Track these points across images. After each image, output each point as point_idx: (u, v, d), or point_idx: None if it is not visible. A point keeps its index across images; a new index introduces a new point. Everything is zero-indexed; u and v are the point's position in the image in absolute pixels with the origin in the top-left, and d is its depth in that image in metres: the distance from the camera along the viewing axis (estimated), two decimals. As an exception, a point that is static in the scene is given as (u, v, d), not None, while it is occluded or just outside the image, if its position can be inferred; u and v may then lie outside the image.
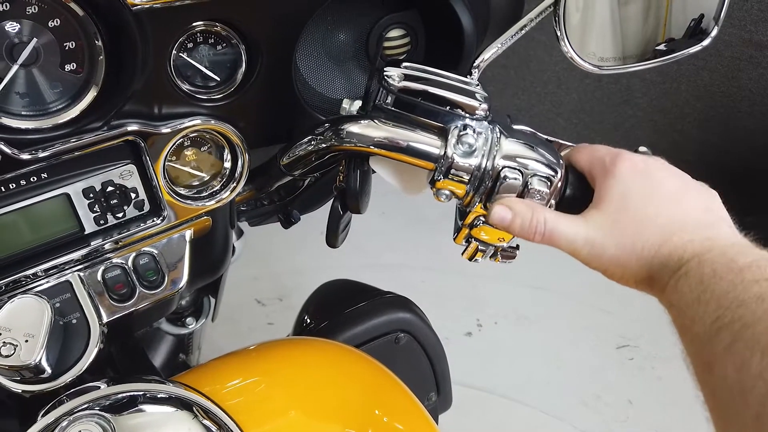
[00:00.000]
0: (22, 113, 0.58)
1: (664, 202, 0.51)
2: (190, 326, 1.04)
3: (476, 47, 0.71)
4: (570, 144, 0.63)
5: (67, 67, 0.59)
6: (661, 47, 0.71)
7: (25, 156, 0.58)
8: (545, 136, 0.62)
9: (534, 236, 0.54)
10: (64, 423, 0.51)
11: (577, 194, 0.58)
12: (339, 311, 0.98)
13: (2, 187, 0.59)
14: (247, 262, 2.01)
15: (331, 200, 0.66)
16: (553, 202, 0.57)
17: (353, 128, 0.59)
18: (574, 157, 0.59)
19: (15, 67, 0.56)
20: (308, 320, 1.02)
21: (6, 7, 0.54)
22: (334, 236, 0.66)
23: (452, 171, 0.56)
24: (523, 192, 0.56)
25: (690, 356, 0.43)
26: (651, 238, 0.49)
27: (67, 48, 0.58)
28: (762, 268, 0.40)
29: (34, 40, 0.56)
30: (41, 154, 0.59)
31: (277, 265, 2.08)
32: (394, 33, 0.73)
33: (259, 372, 0.73)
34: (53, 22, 0.57)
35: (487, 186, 0.56)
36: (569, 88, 2.30)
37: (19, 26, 0.55)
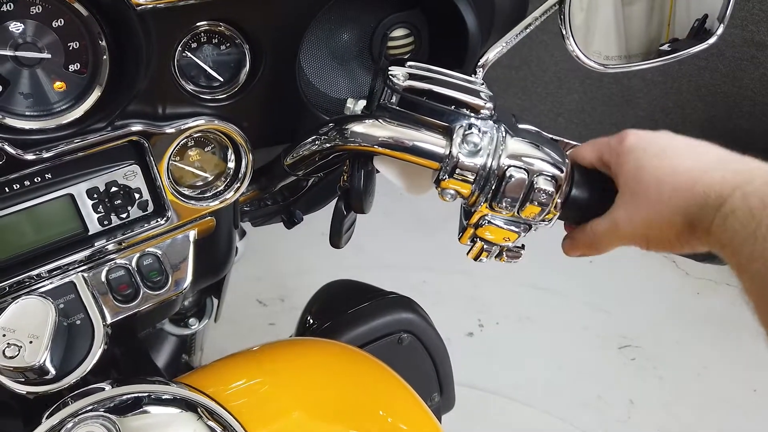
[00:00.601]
0: (26, 114, 0.58)
1: (680, 154, 0.51)
2: (193, 327, 1.04)
3: (480, 46, 0.71)
4: (575, 143, 0.63)
5: (71, 68, 0.58)
6: (665, 47, 0.71)
7: (29, 156, 0.58)
8: (550, 135, 0.62)
9: (587, 252, 0.58)
10: (69, 425, 0.51)
11: (583, 193, 0.57)
12: (342, 311, 0.97)
13: (6, 188, 0.59)
14: (248, 263, 2.02)
15: (335, 200, 0.66)
16: (558, 201, 0.57)
17: (357, 128, 0.58)
18: (579, 155, 0.59)
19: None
20: (311, 321, 1.02)
21: (10, 7, 0.54)
22: (337, 237, 0.65)
23: (457, 170, 0.56)
24: (529, 191, 0.56)
25: (751, 295, 0.42)
26: (679, 185, 0.49)
27: (71, 48, 0.58)
28: None
29: (38, 40, 0.56)
30: (45, 155, 0.59)
31: (279, 266, 2.08)
32: (398, 32, 0.73)
33: (263, 373, 0.72)
34: (57, 22, 0.56)
35: (492, 185, 0.56)
36: (570, 88, 2.30)
37: (23, 26, 0.55)
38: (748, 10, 1.98)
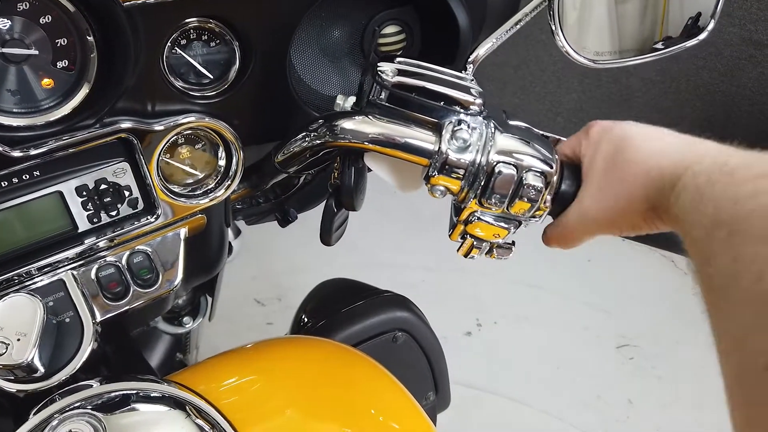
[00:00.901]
0: (14, 111, 0.58)
1: (639, 140, 0.53)
2: (186, 325, 1.04)
3: (472, 42, 0.71)
4: (566, 139, 0.63)
5: (59, 64, 0.58)
6: (659, 45, 0.71)
7: (17, 153, 0.58)
8: (541, 132, 0.62)
9: (562, 245, 0.59)
10: (55, 422, 0.51)
11: (572, 189, 0.57)
12: (336, 310, 0.97)
13: (-6, 185, 0.59)
14: (245, 262, 2.01)
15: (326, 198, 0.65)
16: (548, 197, 0.57)
17: (347, 124, 0.58)
18: (561, 150, 0.59)
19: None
20: (305, 319, 1.02)
21: None
22: (327, 234, 0.65)
23: (446, 167, 0.56)
24: (518, 187, 0.55)
25: (691, 258, 0.44)
26: (638, 170, 0.51)
27: (58, 45, 0.57)
28: (752, 166, 0.42)
29: (26, 37, 0.56)
30: (33, 152, 0.58)
31: (276, 265, 2.08)
32: (389, 29, 0.72)
33: (255, 371, 0.72)
34: (45, 18, 0.56)
35: (481, 181, 0.56)
36: (569, 87, 2.29)
37: (10, 23, 0.55)
38: (746, 9, 1.97)
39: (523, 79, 2.32)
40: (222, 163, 0.70)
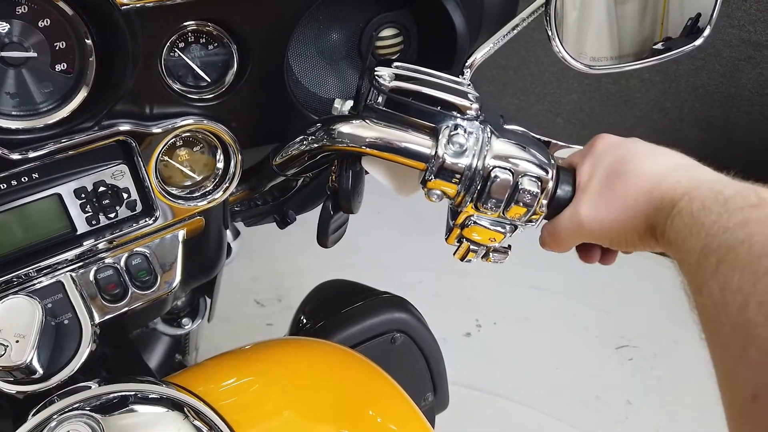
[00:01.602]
0: (13, 113, 0.58)
1: (642, 158, 0.54)
2: (185, 327, 1.04)
3: (469, 47, 0.71)
4: (564, 144, 0.63)
5: (58, 67, 0.58)
6: (659, 46, 0.71)
7: (16, 156, 0.58)
8: (539, 136, 0.62)
9: (553, 248, 0.60)
10: (53, 423, 0.51)
11: (568, 194, 0.57)
12: (335, 311, 0.98)
13: (-7, 188, 0.59)
14: (245, 263, 2.02)
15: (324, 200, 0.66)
16: (543, 202, 0.57)
17: (344, 128, 0.59)
18: (566, 160, 0.60)
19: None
20: (304, 320, 1.02)
21: None
22: (324, 236, 0.66)
23: (443, 171, 0.56)
24: (514, 192, 0.56)
25: (687, 284, 0.45)
26: (638, 189, 0.52)
27: (57, 48, 0.58)
28: (746, 196, 0.43)
29: (25, 40, 0.56)
30: (32, 155, 0.59)
31: (276, 266, 2.08)
32: (386, 32, 0.73)
33: (253, 372, 0.73)
34: (43, 22, 0.56)
35: (477, 186, 0.56)
36: (569, 88, 2.29)
37: (8, 26, 0.55)
38: (745, 10, 1.97)
39: (523, 80, 2.32)
40: (220, 165, 0.70)
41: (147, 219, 0.67)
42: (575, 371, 1.87)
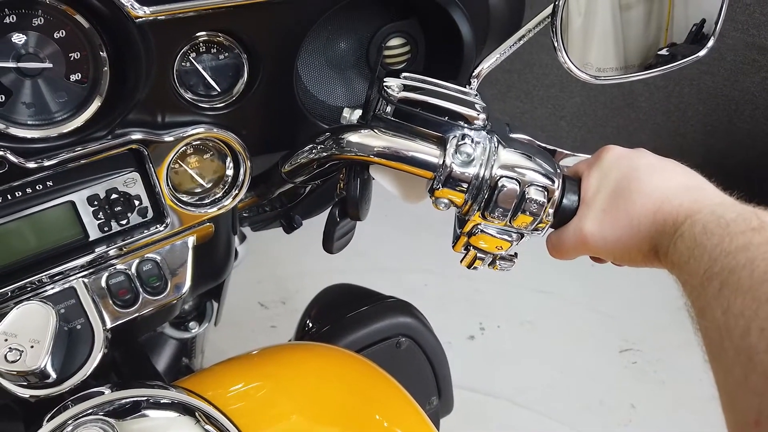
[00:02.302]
0: (28, 123, 0.59)
1: (648, 175, 0.54)
2: (193, 330, 1.05)
3: (475, 56, 0.72)
4: (569, 153, 0.64)
5: (72, 77, 0.60)
6: (664, 52, 0.72)
7: (31, 165, 0.59)
8: (544, 145, 0.63)
9: (555, 256, 0.60)
10: (69, 428, 0.52)
11: (574, 203, 0.58)
12: (341, 315, 0.98)
13: (9, 195, 0.60)
14: (250, 266, 2.02)
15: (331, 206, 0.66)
16: (550, 211, 0.58)
17: (353, 137, 0.59)
18: (571, 168, 0.60)
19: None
20: (310, 324, 1.03)
21: (13, 19, 0.55)
22: (329, 242, 0.66)
23: (451, 180, 0.57)
24: (521, 201, 0.57)
25: (690, 306, 0.46)
26: (643, 210, 0.52)
27: (72, 59, 0.59)
28: (747, 220, 0.44)
29: (40, 51, 0.57)
30: (47, 163, 0.60)
31: (280, 269, 2.09)
32: (394, 42, 0.74)
33: (261, 377, 0.73)
34: (59, 33, 0.58)
35: (485, 195, 0.57)
36: (572, 91, 2.30)
37: (25, 38, 0.56)
38: (749, 14, 1.98)
39: (527, 83, 2.32)
40: (230, 172, 0.71)
41: (158, 225, 0.68)
42: (579, 375, 1.87)
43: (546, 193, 0.56)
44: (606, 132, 2.37)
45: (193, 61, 0.64)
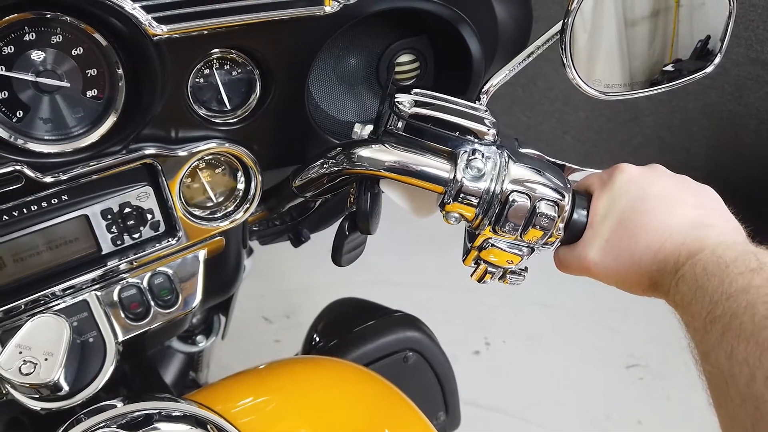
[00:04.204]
0: (45, 138, 0.60)
1: (656, 207, 0.54)
2: (200, 344, 1.05)
3: (484, 73, 0.73)
4: (578, 168, 0.65)
5: (89, 93, 0.61)
6: (669, 68, 0.73)
7: (48, 179, 0.60)
8: (553, 160, 0.63)
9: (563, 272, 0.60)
10: (82, 441, 0.52)
11: (583, 218, 0.59)
12: (348, 330, 0.98)
13: (24, 209, 0.61)
14: (254, 280, 2.02)
15: (341, 219, 0.67)
16: (560, 225, 0.58)
17: (364, 152, 0.60)
18: (581, 181, 0.61)
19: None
20: (317, 338, 1.03)
21: (32, 36, 0.56)
22: (338, 255, 0.67)
23: (461, 195, 0.57)
24: (531, 216, 0.57)
25: (694, 348, 0.46)
26: (645, 248, 0.52)
27: (89, 75, 0.60)
28: (746, 261, 0.43)
29: (58, 67, 0.58)
30: (62, 177, 0.61)
31: (284, 283, 2.09)
32: (403, 58, 0.75)
33: (270, 391, 0.74)
34: (76, 50, 0.59)
35: (495, 209, 0.57)
36: (576, 105, 2.31)
37: (44, 54, 0.57)
38: (752, 29, 1.99)
39: (531, 97, 2.34)
40: (241, 186, 0.72)
41: (170, 239, 0.68)
42: (585, 390, 1.86)
43: (556, 207, 0.57)
44: (610, 146, 2.37)
45: (206, 77, 0.65)
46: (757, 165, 2.22)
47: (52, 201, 0.62)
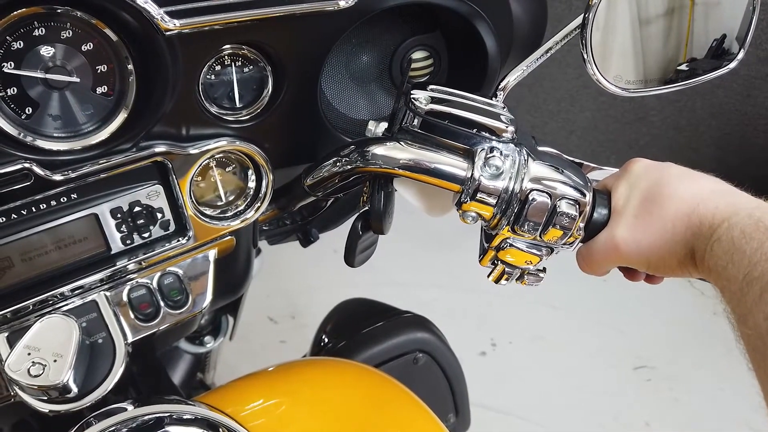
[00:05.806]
0: (55, 135, 0.59)
1: (679, 182, 0.54)
2: (208, 345, 1.04)
3: (499, 69, 0.72)
4: (597, 166, 0.63)
5: (99, 90, 0.59)
6: (683, 67, 0.71)
7: (57, 177, 0.59)
8: (572, 159, 0.62)
9: (588, 271, 0.59)
10: (93, 444, 0.51)
11: (604, 217, 0.57)
12: (357, 331, 0.97)
13: (32, 208, 0.60)
14: (258, 280, 2.01)
15: (350, 219, 0.66)
16: (581, 225, 0.57)
17: (379, 150, 0.59)
18: (599, 183, 0.60)
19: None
20: (326, 339, 1.02)
21: (42, 31, 0.55)
22: (351, 255, 0.66)
23: (479, 193, 0.56)
24: (552, 215, 0.56)
25: (730, 313, 0.45)
26: (678, 213, 0.51)
27: (99, 71, 0.59)
28: None
29: (68, 63, 0.57)
30: (72, 175, 0.59)
31: (289, 283, 2.08)
32: (417, 55, 0.73)
33: (281, 393, 0.73)
34: (86, 46, 0.58)
35: (514, 209, 0.56)
36: (583, 105, 2.30)
37: (53, 50, 0.56)
38: (762, 29, 1.98)
39: (537, 97, 2.33)
40: (252, 185, 0.70)
41: (180, 239, 0.67)
42: (592, 391, 1.85)
43: (577, 206, 0.56)
44: (617, 146, 2.36)
45: (218, 74, 0.64)
46: (766, 165, 2.20)
47: (61, 199, 0.61)
